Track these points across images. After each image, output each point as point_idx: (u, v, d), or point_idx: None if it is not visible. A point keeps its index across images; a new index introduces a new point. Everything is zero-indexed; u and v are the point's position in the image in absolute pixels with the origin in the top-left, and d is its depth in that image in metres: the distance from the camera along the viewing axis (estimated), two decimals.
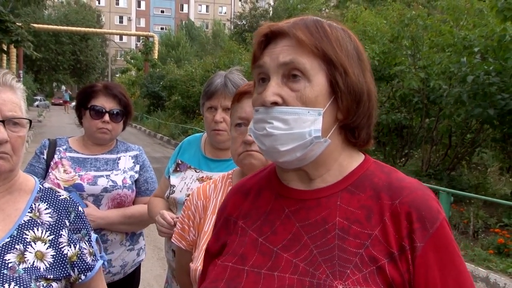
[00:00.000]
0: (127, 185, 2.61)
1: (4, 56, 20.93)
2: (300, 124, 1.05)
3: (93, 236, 1.68)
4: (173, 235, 1.90)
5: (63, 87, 51.38)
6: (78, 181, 2.53)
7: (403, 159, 11.75)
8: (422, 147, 11.00)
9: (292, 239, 1.10)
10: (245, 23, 45.32)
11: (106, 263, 1.72)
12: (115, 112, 2.62)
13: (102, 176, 2.58)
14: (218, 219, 1.30)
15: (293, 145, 1.06)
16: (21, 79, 28.68)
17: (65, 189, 2.44)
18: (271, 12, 45.47)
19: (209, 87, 2.29)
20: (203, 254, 1.31)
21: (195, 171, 2.36)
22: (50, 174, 2.55)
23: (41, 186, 1.63)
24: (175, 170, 2.42)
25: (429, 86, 9.71)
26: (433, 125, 10.35)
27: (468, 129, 10.04)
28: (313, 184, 1.14)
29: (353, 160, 1.15)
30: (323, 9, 30.47)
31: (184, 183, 2.33)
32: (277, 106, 1.06)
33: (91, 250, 1.63)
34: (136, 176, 2.69)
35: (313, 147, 1.07)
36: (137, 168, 2.71)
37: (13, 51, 26.20)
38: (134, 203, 2.68)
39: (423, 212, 1.04)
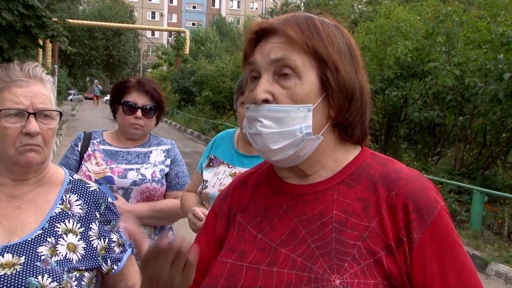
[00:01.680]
0: (156, 178, 2.61)
1: (40, 51, 21.39)
2: (291, 122, 1.05)
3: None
4: None
5: (96, 81, 51.59)
6: (109, 173, 2.55)
7: (435, 157, 11.56)
8: (455, 145, 10.80)
9: (290, 234, 1.10)
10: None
11: (134, 250, 1.74)
12: (147, 108, 2.63)
13: (132, 169, 2.59)
14: (219, 211, 1.29)
15: (285, 143, 1.05)
16: (56, 73, 29.28)
17: (96, 181, 2.46)
18: (302, 8, 45.25)
19: (243, 81, 2.29)
20: None
21: (228, 167, 2.36)
22: (83, 166, 2.59)
23: (71, 178, 1.65)
24: (208, 165, 2.42)
25: (464, 83, 9.51)
26: (467, 123, 10.14)
27: (504, 128, 9.79)
28: (310, 179, 1.14)
29: (349, 154, 1.15)
30: (355, 5, 30.14)
31: (217, 179, 2.34)
32: (267, 104, 1.06)
33: (120, 241, 1.65)
34: (167, 170, 2.69)
35: (305, 145, 1.06)
36: (168, 162, 2.71)
37: (49, 46, 26.78)
38: (164, 197, 2.69)
39: (420, 203, 1.02)
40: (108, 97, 2.78)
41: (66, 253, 1.48)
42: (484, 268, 6.48)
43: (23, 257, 1.42)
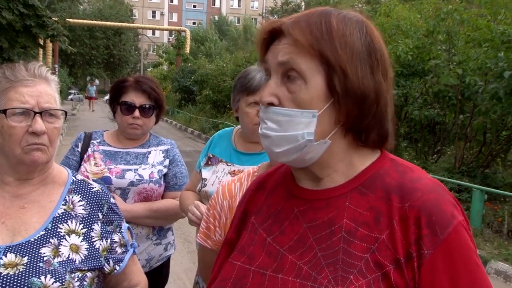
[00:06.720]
0: (153, 179, 2.62)
1: (41, 51, 21.38)
2: (293, 127, 1.01)
3: (124, 225, 1.70)
4: (198, 234, 1.90)
5: (96, 81, 50.52)
6: (107, 174, 2.56)
7: (435, 156, 11.56)
8: (455, 144, 10.79)
9: (298, 240, 1.07)
10: (276, 18, 45.25)
11: (136, 250, 1.75)
12: (146, 107, 2.63)
13: (130, 170, 2.60)
14: (237, 211, 1.29)
15: (287, 147, 1.03)
16: (57, 73, 29.24)
17: (94, 181, 2.48)
18: (303, 6, 45.21)
19: (250, 82, 2.30)
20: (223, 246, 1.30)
21: (227, 165, 2.38)
22: (82, 166, 2.60)
23: (74, 178, 1.66)
24: (207, 164, 2.44)
25: (464, 82, 9.51)
26: (467, 122, 10.14)
27: (504, 126, 9.78)
28: (322, 183, 1.09)
29: (366, 159, 1.09)
30: (355, 4, 30.10)
31: (216, 177, 2.35)
32: (273, 107, 1.03)
33: (122, 241, 1.66)
34: (165, 170, 2.69)
35: (309, 149, 1.02)
36: (167, 162, 2.71)
37: (49, 45, 26.72)
38: (163, 197, 2.69)
39: (434, 217, 0.96)
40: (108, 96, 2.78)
41: (69, 254, 1.49)
42: (483, 266, 6.49)
43: (26, 257, 1.43)
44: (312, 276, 1.01)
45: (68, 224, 1.54)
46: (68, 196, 1.59)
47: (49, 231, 1.50)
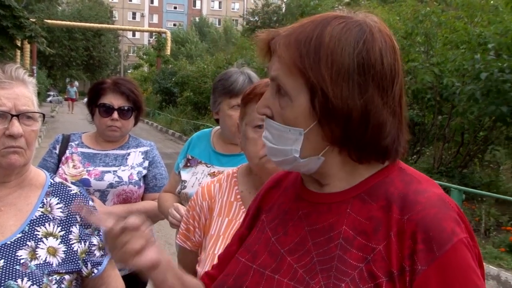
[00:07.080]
0: (133, 181, 2.61)
1: (18, 52, 21.09)
2: (284, 141, 1.02)
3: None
4: (178, 235, 1.90)
5: (76, 82, 49.70)
6: (86, 176, 2.55)
7: (415, 156, 11.68)
8: (434, 144, 10.92)
9: (298, 242, 1.06)
10: (257, 19, 45.35)
11: None
12: (124, 109, 2.62)
13: (109, 171, 2.59)
14: (251, 207, 1.29)
15: (280, 159, 1.05)
16: (35, 74, 28.82)
17: (72, 184, 2.46)
18: (283, 8, 45.38)
19: (233, 84, 2.31)
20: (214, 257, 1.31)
21: (206, 166, 2.38)
22: (60, 169, 2.58)
23: (52, 181, 1.65)
24: (186, 166, 2.44)
25: (442, 83, 9.64)
26: (446, 123, 10.27)
27: (481, 127, 9.95)
28: (325, 188, 1.08)
29: (373, 167, 1.05)
30: (335, 6, 30.31)
31: (196, 178, 2.35)
32: (268, 119, 1.05)
33: (101, 244, 1.65)
34: (145, 172, 2.68)
35: (300, 164, 1.03)
36: (146, 164, 2.71)
37: (27, 47, 26.36)
38: (142, 199, 2.69)
39: (431, 233, 0.92)
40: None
41: (46, 257, 1.49)
42: None
43: (2, 260, 1.42)
44: (306, 280, 1.00)
45: (45, 227, 1.53)
46: (46, 199, 1.59)
47: (26, 234, 1.49)
